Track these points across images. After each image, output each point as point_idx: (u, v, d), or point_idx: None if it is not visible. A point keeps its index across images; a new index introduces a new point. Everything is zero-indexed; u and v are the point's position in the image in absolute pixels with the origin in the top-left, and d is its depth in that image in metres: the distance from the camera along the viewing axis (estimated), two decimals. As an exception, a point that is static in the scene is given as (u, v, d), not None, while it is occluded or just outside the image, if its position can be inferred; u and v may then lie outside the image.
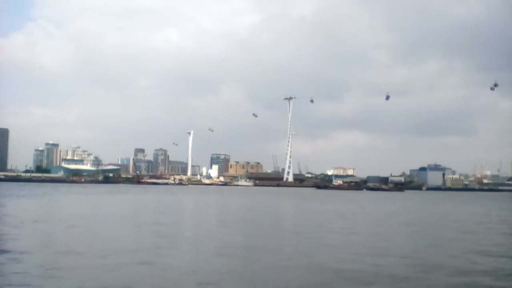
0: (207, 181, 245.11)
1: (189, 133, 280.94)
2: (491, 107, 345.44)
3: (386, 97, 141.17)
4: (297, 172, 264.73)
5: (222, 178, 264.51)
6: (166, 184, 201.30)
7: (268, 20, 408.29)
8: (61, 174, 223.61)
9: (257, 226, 29.42)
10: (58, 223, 28.33)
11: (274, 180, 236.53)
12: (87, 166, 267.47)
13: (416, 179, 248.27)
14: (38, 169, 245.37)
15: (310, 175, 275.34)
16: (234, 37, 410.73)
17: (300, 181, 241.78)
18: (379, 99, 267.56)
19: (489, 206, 65.37)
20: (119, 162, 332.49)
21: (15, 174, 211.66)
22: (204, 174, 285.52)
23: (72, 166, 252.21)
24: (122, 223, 29.11)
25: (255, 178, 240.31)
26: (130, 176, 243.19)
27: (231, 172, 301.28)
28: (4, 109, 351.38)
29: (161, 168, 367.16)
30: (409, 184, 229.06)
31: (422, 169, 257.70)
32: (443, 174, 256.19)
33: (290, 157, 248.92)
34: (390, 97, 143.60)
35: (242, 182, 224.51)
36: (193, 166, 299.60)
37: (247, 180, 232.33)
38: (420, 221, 37.22)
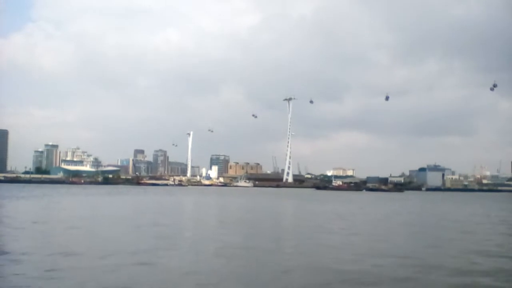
0: (207, 182, 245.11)
1: (188, 134, 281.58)
2: (491, 108, 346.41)
3: (385, 97, 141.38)
4: (296, 172, 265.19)
5: (221, 179, 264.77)
6: (166, 185, 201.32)
7: (268, 20, 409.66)
8: (60, 175, 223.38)
9: (256, 227, 29.43)
10: (58, 224, 28.33)
11: (273, 181, 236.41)
12: (87, 167, 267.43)
13: (415, 180, 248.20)
14: (38, 170, 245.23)
15: (309, 176, 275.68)
16: (234, 37, 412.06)
17: (299, 181, 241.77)
18: (379, 100, 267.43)
19: (488, 207, 65.38)
20: (119, 163, 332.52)
21: (15, 175, 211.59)
22: (203, 175, 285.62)
23: (71, 167, 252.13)
24: (122, 224, 29.09)
25: (255, 179, 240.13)
26: (129, 177, 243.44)
27: (231, 173, 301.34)
28: (3, 110, 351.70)
29: (160, 169, 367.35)
30: (408, 184, 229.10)
31: (422, 169, 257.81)
32: (443, 175, 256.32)
33: (290, 157, 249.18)
34: (390, 97, 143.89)
35: (242, 183, 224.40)
36: (192, 167, 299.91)
37: (247, 181, 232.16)
38: (419, 221, 37.26)
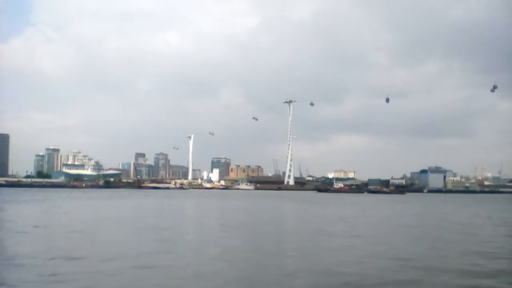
0: (208, 185, 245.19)
1: (189, 137, 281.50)
2: (491, 108, 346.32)
3: (386, 99, 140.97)
4: (298, 175, 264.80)
5: (223, 182, 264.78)
6: (167, 188, 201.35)
7: (267, 22, 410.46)
8: (62, 179, 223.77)
9: (258, 230, 29.38)
10: (59, 228, 28.31)
11: (275, 183, 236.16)
12: (88, 171, 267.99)
13: (417, 182, 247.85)
14: (39, 174, 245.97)
15: (311, 178, 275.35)
16: (233, 39, 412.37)
17: (301, 184, 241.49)
18: (379, 101, 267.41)
19: (490, 208, 65.19)
20: (120, 167, 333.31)
21: (16, 180, 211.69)
22: (205, 178, 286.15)
23: (73, 171, 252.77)
24: (123, 228, 29.08)
25: (256, 182, 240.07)
26: (131, 180, 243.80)
27: (232, 176, 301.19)
28: (4, 114, 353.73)
29: (162, 172, 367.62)
30: (410, 186, 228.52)
31: (423, 171, 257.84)
32: (444, 177, 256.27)
33: (291, 160, 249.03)
34: (390, 99, 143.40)
35: (243, 186, 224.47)
36: (193, 170, 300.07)
37: (248, 183, 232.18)
38: (421, 223, 37.16)
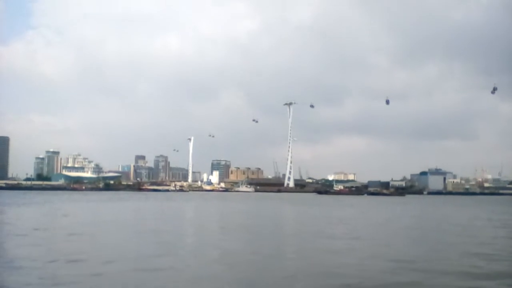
0: (208, 187, 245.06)
1: (189, 139, 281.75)
2: (491, 111, 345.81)
3: (386, 101, 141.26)
4: (298, 177, 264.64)
5: (223, 184, 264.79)
6: (167, 190, 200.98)
7: (267, 24, 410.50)
8: (62, 182, 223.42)
9: (258, 232, 29.34)
10: (59, 231, 28.30)
11: (275, 185, 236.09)
12: (88, 174, 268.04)
13: (417, 184, 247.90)
14: (39, 177, 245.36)
15: (311, 180, 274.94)
16: (233, 42, 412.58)
17: (301, 186, 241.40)
18: (379, 104, 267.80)
19: (490, 210, 65.16)
20: (120, 169, 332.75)
21: (16, 182, 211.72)
22: (205, 180, 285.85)
23: (73, 174, 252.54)
24: (123, 230, 29.09)
25: (256, 184, 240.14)
26: (131, 183, 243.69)
27: (232, 178, 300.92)
28: (4, 117, 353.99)
29: (162, 174, 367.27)
30: (410, 188, 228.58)
31: (423, 173, 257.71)
32: (444, 178, 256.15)
33: (291, 162, 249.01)
34: (390, 101, 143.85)
35: (243, 188, 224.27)
36: (193, 173, 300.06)
37: (248, 186, 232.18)
38: (421, 225, 37.12)
